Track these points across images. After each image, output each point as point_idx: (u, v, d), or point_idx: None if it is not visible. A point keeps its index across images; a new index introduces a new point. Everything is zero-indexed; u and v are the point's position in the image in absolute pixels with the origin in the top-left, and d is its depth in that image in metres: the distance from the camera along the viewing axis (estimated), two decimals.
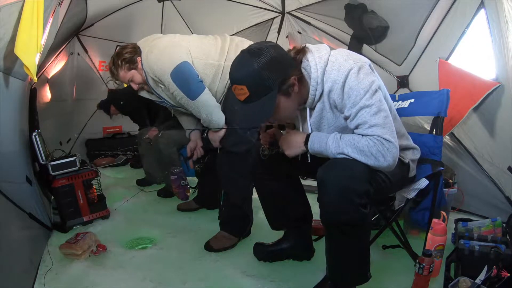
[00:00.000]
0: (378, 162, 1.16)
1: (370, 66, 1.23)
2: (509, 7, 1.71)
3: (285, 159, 1.39)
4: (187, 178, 2.56)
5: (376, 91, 1.16)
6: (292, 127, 1.44)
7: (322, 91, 1.22)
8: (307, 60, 1.21)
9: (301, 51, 1.23)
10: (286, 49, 1.24)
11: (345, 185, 1.14)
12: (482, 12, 2.01)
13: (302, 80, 1.22)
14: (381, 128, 1.14)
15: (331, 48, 1.29)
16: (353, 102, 1.16)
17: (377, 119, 1.14)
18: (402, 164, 1.36)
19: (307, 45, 1.27)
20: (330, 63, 1.19)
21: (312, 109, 1.29)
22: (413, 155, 1.41)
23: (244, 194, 1.91)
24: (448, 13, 2.29)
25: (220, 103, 1.84)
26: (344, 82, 1.16)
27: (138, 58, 1.84)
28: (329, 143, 1.21)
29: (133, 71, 1.86)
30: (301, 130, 1.38)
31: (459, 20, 2.20)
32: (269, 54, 1.13)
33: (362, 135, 1.17)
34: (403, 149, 1.37)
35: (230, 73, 1.19)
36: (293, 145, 1.31)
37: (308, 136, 1.28)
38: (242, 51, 1.19)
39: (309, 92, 1.23)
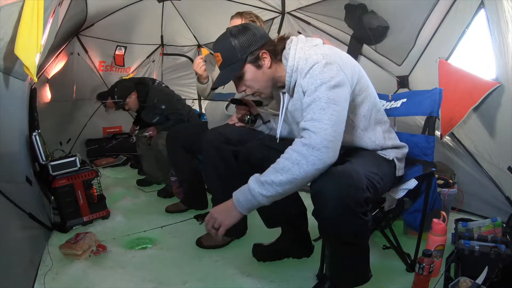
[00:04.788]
0: (308, 167, 1.08)
1: (344, 67, 1.18)
2: (509, 7, 1.71)
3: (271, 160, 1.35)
4: None
5: (335, 86, 1.13)
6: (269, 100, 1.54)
7: (297, 80, 1.26)
8: (289, 49, 1.28)
9: (284, 38, 1.31)
10: None
11: (343, 196, 1.07)
12: (482, 12, 2.01)
13: (278, 61, 1.29)
14: (321, 123, 1.09)
15: (324, 44, 1.32)
16: (310, 91, 1.16)
17: (322, 114, 1.10)
18: (387, 161, 1.36)
19: (300, 35, 1.33)
20: (305, 55, 1.24)
21: (292, 96, 1.34)
22: (398, 153, 1.39)
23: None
24: (448, 13, 2.29)
25: None
26: (307, 72, 1.19)
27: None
28: (252, 186, 1.14)
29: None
30: (279, 114, 1.42)
31: (459, 20, 2.20)
32: (244, 31, 1.27)
33: (303, 128, 1.13)
34: (387, 148, 1.37)
35: (213, 44, 1.33)
36: (225, 213, 1.20)
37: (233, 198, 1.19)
38: (227, 28, 1.33)
39: (286, 79, 1.29)
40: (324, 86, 1.13)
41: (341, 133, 1.14)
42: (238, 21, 2.09)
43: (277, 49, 1.29)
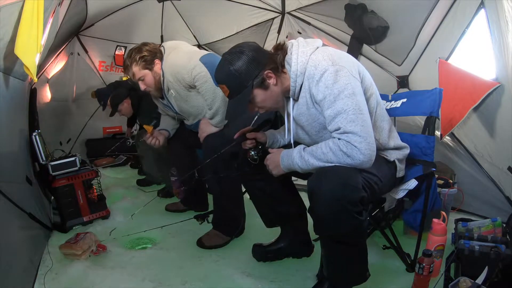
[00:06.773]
0: (346, 162, 1.16)
1: (352, 69, 1.22)
2: (509, 7, 1.71)
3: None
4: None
5: (352, 94, 1.17)
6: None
7: (302, 84, 1.27)
8: (291, 54, 1.28)
9: (280, 48, 1.30)
10: None
11: (338, 195, 1.10)
12: (482, 12, 2.01)
13: (282, 73, 1.29)
14: (355, 136, 1.14)
15: (324, 45, 1.33)
16: (329, 103, 1.19)
17: (353, 126, 1.15)
18: (388, 163, 1.36)
19: (299, 39, 1.33)
20: (311, 60, 1.25)
21: (296, 100, 1.33)
22: (399, 155, 1.39)
23: (232, 196, 1.93)
24: (448, 13, 2.29)
25: None
26: (319, 80, 1.20)
27: (156, 60, 1.85)
28: (295, 155, 1.27)
29: (146, 71, 1.88)
30: (285, 121, 1.43)
31: (459, 20, 2.20)
32: (242, 54, 1.25)
33: (338, 139, 1.18)
34: (389, 148, 1.37)
35: (214, 75, 1.33)
36: (275, 165, 1.36)
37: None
38: (223, 54, 1.31)
39: (290, 83, 1.29)
40: (342, 95, 1.16)
41: (373, 137, 1.18)
42: (137, 70, 1.87)
43: (277, 61, 1.28)
